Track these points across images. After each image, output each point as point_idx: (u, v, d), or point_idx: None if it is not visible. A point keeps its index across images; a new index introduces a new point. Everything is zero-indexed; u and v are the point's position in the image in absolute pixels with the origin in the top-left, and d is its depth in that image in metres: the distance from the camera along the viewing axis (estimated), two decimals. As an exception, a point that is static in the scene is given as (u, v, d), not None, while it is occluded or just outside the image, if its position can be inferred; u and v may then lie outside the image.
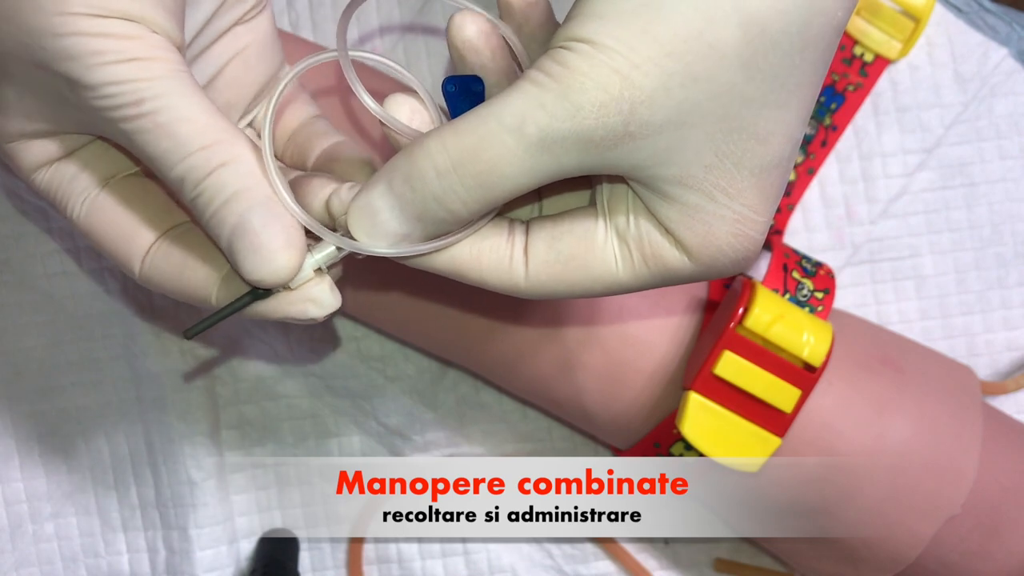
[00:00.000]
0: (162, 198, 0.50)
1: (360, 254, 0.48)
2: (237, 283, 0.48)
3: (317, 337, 0.78)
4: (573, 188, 0.51)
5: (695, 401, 0.63)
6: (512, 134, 0.43)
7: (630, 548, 0.78)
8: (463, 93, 0.49)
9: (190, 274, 0.49)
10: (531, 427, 0.78)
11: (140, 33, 0.44)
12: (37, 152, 0.49)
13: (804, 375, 0.62)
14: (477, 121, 0.43)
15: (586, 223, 0.47)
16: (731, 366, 0.62)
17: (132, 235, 0.49)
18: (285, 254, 0.45)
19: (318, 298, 0.48)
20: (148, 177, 0.51)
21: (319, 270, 0.48)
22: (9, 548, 0.78)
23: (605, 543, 0.78)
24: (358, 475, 0.78)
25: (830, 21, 0.43)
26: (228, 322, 0.76)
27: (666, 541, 0.79)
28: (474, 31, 0.48)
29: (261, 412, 0.78)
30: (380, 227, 0.46)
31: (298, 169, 0.54)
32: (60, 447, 0.78)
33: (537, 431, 0.78)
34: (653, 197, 0.45)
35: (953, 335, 0.78)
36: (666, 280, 0.47)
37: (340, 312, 0.75)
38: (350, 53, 0.49)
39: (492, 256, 0.48)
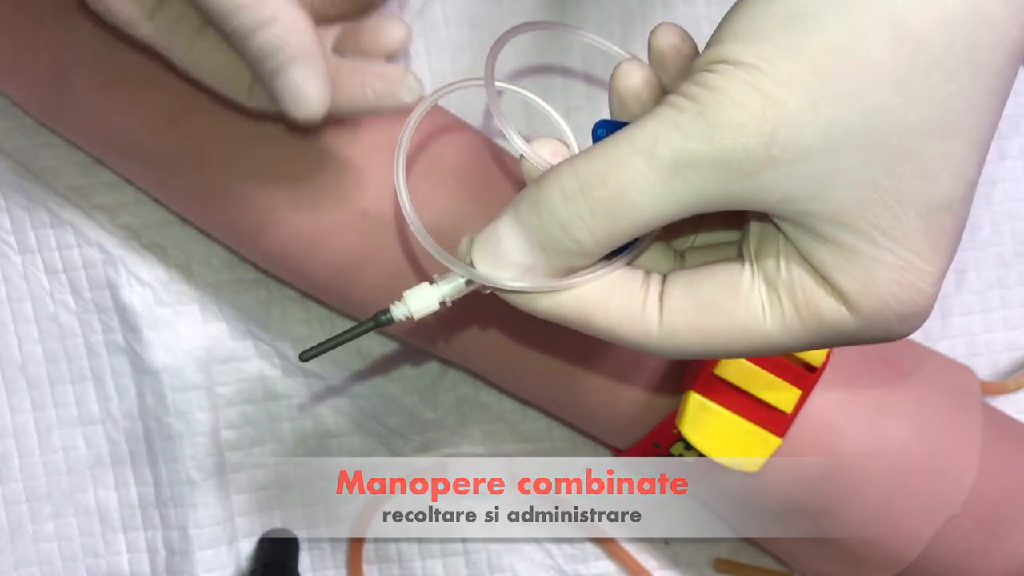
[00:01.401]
0: None
1: (488, 288, 0.46)
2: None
3: (318, 338, 0.77)
4: (718, 240, 0.50)
5: (695, 401, 0.63)
6: (643, 156, 0.40)
7: (630, 548, 0.79)
8: None
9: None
10: (531, 427, 0.78)
11: None
12: (138, 2, 0.53)
13: (804, 375, 0.62)
14: (610, 145, 0.42)
15: (731, 268, 0.44)
16: (731, 366, 0.62)
17: (238, 70, 0.55)
18: (319, 105, 0.51)
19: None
20: None
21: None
22: (9, 548, 0.78)
23: (605, 543, 0.78)
24: (358, 475, 0.78)
25: (1002, 40, 0.39)
26: (229, 322, 0.77)
27: (666, 541, 0.79)
28: (639, 80, 0.47)
29: (261, 412, 0.78)
30: (503, 256, 0.44)
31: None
32: (60, 447, 0.78)
33: (537, 431, 0.78)
34: (804, 237, 0.42)
35: (953, 335, 0.78)
36: (821, 335, 0.43)
37: (338, 312, 0.75)
38: (497, 84, 0.49)
39: (623, 301, 0.45)
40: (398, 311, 0.48)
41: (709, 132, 0.39)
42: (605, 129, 0.47)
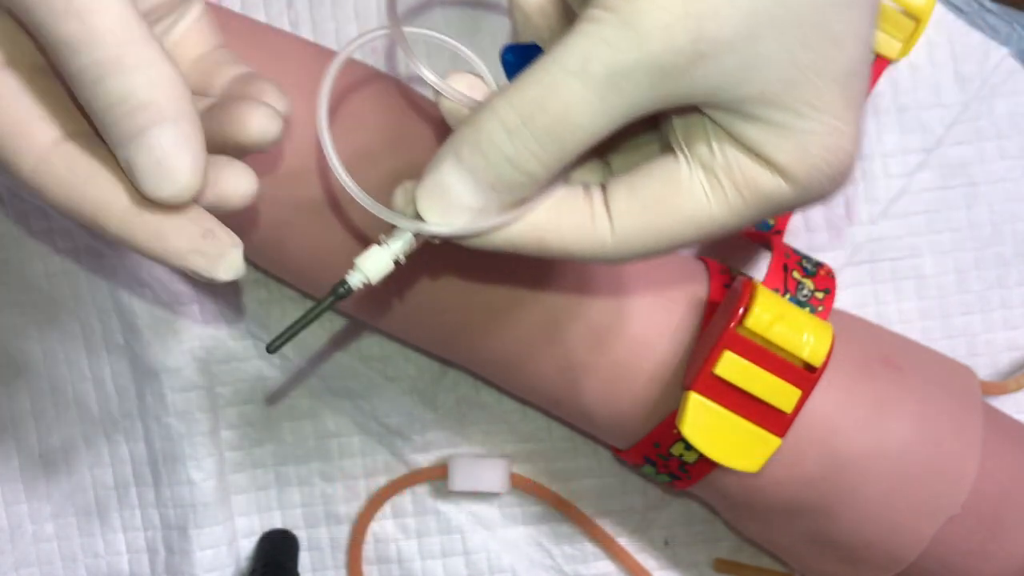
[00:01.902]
0: (71, 99, 0.44)
1: (437, 238, 0.47)
2: (144, 216, 0.42)
3: (318, 338, 0.78)
4: (639, 140, 0.51)
5: (695, 401, 0.62)
6: (577, 77, 0.41)
7: (630, 548, 0.79)
8: (523, 62, 0.47)
9: (94, 190, 0.42)
10: (531, 427, 0.78)
11: None
12: None
13: (804, 375, 0.62)
14: (540, 72, 0.42)
15: (665, 164, 0.46)
16: (731, 366, 0.61)
17: (29, 126, 0.42)
18: (193, 176, 0.41)
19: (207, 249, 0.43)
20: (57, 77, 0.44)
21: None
22: (9, 548, 0.78)
23: (605, 543, 0.78)
24: (358, 475, 0.79)
25: None
26: (229, 323, 0.77)
27: (666, 541, 0.79)
28: None
29: (261, 412, 0.78)
30: (454, 203, 0.45)
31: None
32: (60, 447, 0.78)
33: (537, 431, 0.78)
34: (734, 121, 0.44)
35: (953, 335, 0.78)
36: (764, 209, 0.45)
37: (339, 312, 0.75)
38: (404, 30, 0.49)
39: (572, 217, 0.46)
40: (354, 279, 0.48)
41: (637, 40, 0.41)
42: (513, 54, 0.48)
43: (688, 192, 0.45)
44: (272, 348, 0.46)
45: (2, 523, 0.78)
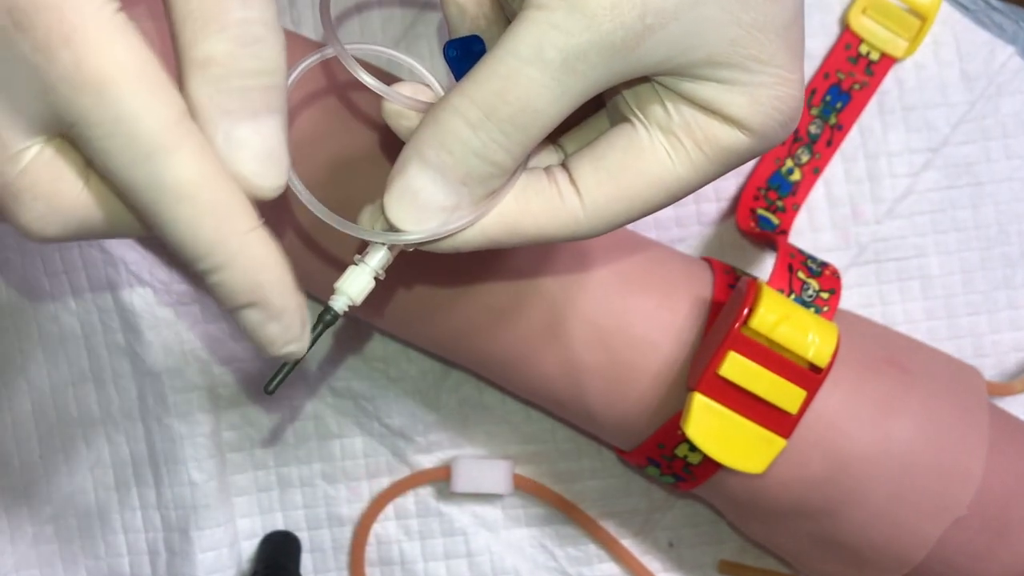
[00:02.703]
0: None
1: (411, 247, 0.47)
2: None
3: (320, 339, 0.77)
4: (588, 118, 0.52)
5: (700, 402, 0.62)
6: (534, 64, 0.42)
7: (634, 550, 0.79)
8: (465, 55, 0.48)
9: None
10: (535, 428, 0.78)
11: None
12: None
13: (809, 376, 0.62)
14: (495, 64, 0.43)
15: (623, 132, 0.47)
16: (736, 367, 0.61)
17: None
18: (282, 347, 0.44)
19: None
20: None
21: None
22: (9, 550, 0.78)
23: (609, 545, 0.78)
24: (360, 477, 0.79)
25: None
26: (230, 323, 0.77)
27: (670, 543, 0.79)
28: None
29: (263, 413, 0.78)
30: (427, 206, 0.45)
31: None
32: (60, 448, 0.78)
33: (541, 432, 0.78)
34: (685, 84, 0.45)
35: (959, 335, 0.78)
36: (727, 162, 0.47)
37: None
38: (347, 47, 0.49)
39: (541, 199, 0.47)
40: (339, 303, 0.48)
41: (587, 22, 0.42)
42: (455, 48, 0.48)
43: (651, 155, 0.46)
44: (271, 390, 0.47)
45: (2, 525, 0.78)
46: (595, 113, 0.52)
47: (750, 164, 0.77)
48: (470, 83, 0.44)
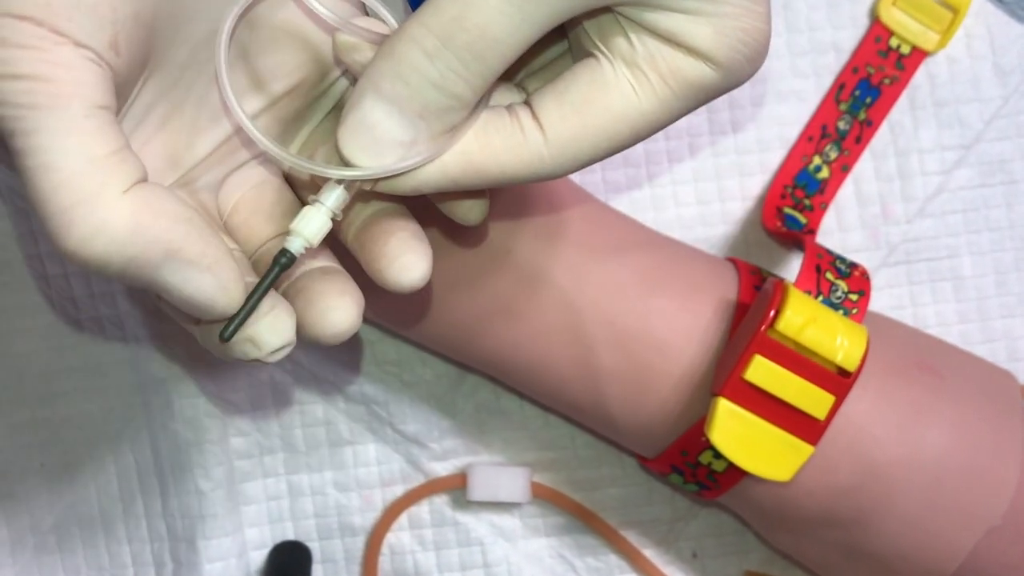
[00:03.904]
0: None
1: (368, 183, 0.47)
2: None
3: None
4: (550, 56, 0.52)
5: (724, 407, 0.63)
6: None
7: (656, 561, 0.79)
8: None
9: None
10: (553, 435, 0.79)
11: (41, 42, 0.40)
12: None
13: (838, 380, 0.62)
14: None
15: (587, 66, 0.47)
16: (762, 371, 0.62)
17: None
18: (223, 298, 0.44)
19: (255, 337, 0.46)
20: None
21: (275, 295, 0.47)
22: (9, 562, 0.78)
23: (630, 555, 0.78)
24: (373, 485, 0.79)
25: None
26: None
27: (694, 553, 0.79)
28: None
29: (272, 419, 0.79)
30: (383, 139, 0.45)
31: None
32: (62, 455, 0.78)
33: (560, 439, 0.79)
34: (648, 15, 0.45)
35: (993, 339, 0.78)
36: (693, 97, 0.47)
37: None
38: None
39: (504, 137, 0.47)
40: (295, 245, 0.47)
41: None
42: None
43: (616, 89, 0.46)
44: (226, 335, 0.46)
45: (3, 535, 0.79)
46: (561, 56, 0.52)
47: (776, 161, 0.78)
48: (427, 11, 0.44)
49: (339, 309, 0.47)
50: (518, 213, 0.67)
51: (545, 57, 0.53)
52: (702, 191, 0.79)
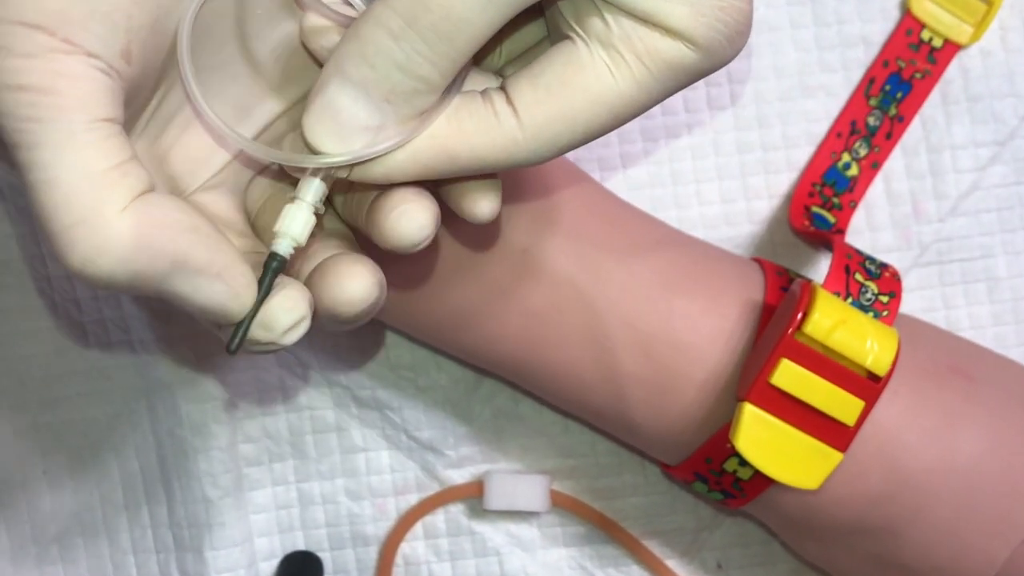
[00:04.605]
0: None
1: (343, 171, 0.47)
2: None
3: (344, 345, 0.78)
4: (522, 48, 0.53)
5: (750, 413, 0.63)
6: None
7: (680, 571, 0.79)
8: None
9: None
10: (573, 441, 0.79)
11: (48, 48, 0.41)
12: None
13: (868, 385, 0.62)
14: None
15: (563, 48, 0.47)
16: (789, 375, 0.62)
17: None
18: (235, 305, 0.45)
19: (268, 318, 0.46)
20: None
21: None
22: (11, 572, 0.79)
23: (653, 566, 0.79)
24: (387, 493, 0.79)
25: None
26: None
27: (719, 564, 0.79)
28: None
29: (282, 425, 0.79)
30: (349, 125, 0.46)
31: None
32: (65, 462, 0.78)
33: (580, 446, 0.79)
34: None
35: (1029, 342, 0.78)
36: (671, 79, 0.46)
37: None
38: None
39: (476, 121, 0.47)
40: (283, 247, 0.47)
41: None
42: None
43: (592, 71, 0.46)
44: (233, 348, 0.46)
45: (3, 545, 0.79)
46: (540, 42, 0.53)
47: (804, 158, 0.78)
48: None
49: (355, 276, 0.48)
50: (535, 211, 0.67)
51: (524, 43, 0.53)
52: (727, 189, 0.79)
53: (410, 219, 0.48)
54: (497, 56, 0.53)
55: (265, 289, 0.46)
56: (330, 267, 0.48)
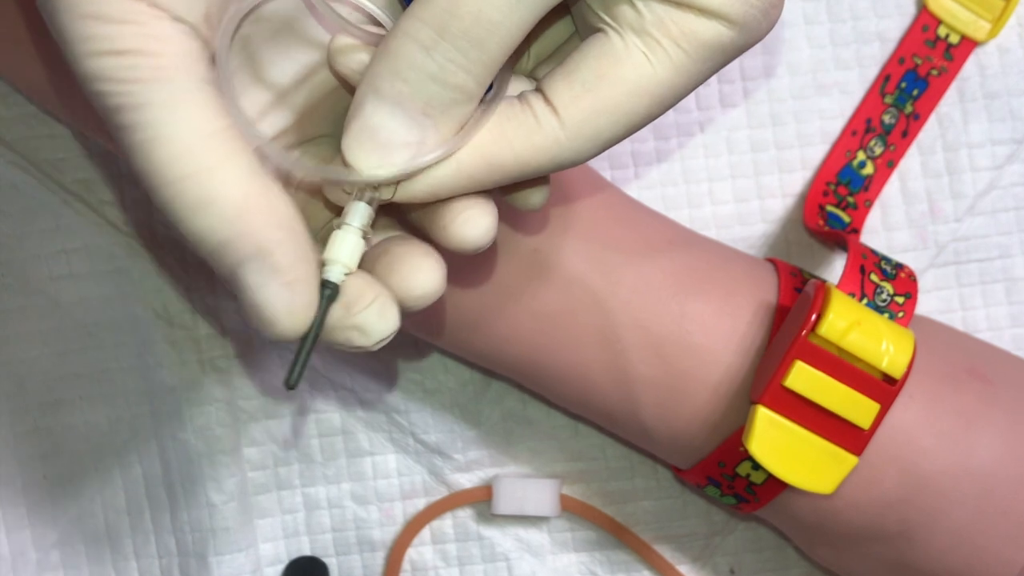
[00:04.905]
0: None
1: (387, 192, 0.47)
2: None
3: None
4: (553, 47, 0.53)
5: (764, 416, 0.63)
6: None
7: None
8: None
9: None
10: (583, 445, 0.79)
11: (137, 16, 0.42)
12: None
13: (883, 387, 0.62)
14: None
15: (594, 41, 0.47)
16: (803, 378, 0.62)
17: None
18: (287, 320, 0.44)
19: (364, 325, 0.46)
20: None
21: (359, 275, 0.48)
22: None
23: (665, 571, 0.78)
24: (394, 497, 0.79)
25: None
26: (251, 331, 0.78)
27: (731, 569, 0.79)
28: None
29: (287, 428, 0.79)
30: (388, 143, 0.46)
31: None
32: (67, 467, 0.78)
33: (590, 449, 0.79)
34: None
35: (1048, 343, 0.78)
36: (710, 59, 0.46)
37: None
38: None
39: (517, 126, 0.47)
40: (334, 273, 0.47)
41: None
42: None
43: (628, 60, 0.46)
44: (292, 383, 0.46)
45: (3, 551, 0.79)
46: (569, 39, 0.53)
47: (818, 157, 0.78)
48: (419, 4, 0.44)
49: (425, 269, 0.48)
50: (546, 211, 0.67)
51: (553, 42, 0.53)
52: (740, 188, 0.79)
53: (475, 225, 0.49)
54: (526, 59, 0.53)
55: (321, 317, 0.46)
56: (402, 258, 0.49)
